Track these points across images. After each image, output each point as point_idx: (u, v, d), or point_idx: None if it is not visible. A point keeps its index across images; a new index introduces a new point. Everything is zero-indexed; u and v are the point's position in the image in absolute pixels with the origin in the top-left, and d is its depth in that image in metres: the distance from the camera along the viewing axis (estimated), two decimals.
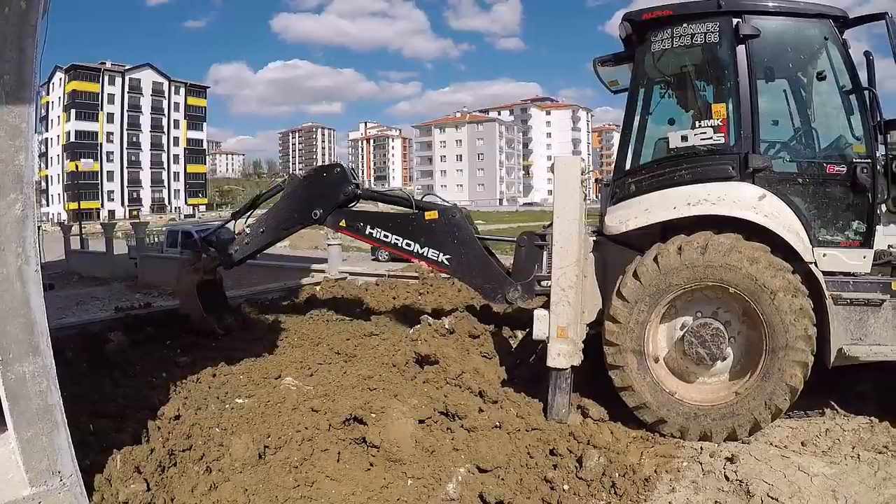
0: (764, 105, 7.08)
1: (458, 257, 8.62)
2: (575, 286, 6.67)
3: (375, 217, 9.40)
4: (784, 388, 6.26)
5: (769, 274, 6.26)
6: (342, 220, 9.46)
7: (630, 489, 5.48)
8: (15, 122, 4.47)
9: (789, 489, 5.39)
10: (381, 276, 16.49)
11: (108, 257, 31.31)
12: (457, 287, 12.74)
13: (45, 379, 4.54)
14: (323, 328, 10.34)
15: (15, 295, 4.53)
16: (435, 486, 5.32)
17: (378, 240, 9.25)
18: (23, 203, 4.57)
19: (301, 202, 9.67)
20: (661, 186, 7.04)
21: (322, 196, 9.54)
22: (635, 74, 7.56)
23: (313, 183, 9.75)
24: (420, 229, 8.88)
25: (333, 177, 9.61)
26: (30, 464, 4.58)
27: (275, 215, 9.91)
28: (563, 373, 6.67)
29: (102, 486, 4.79)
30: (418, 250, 8.86)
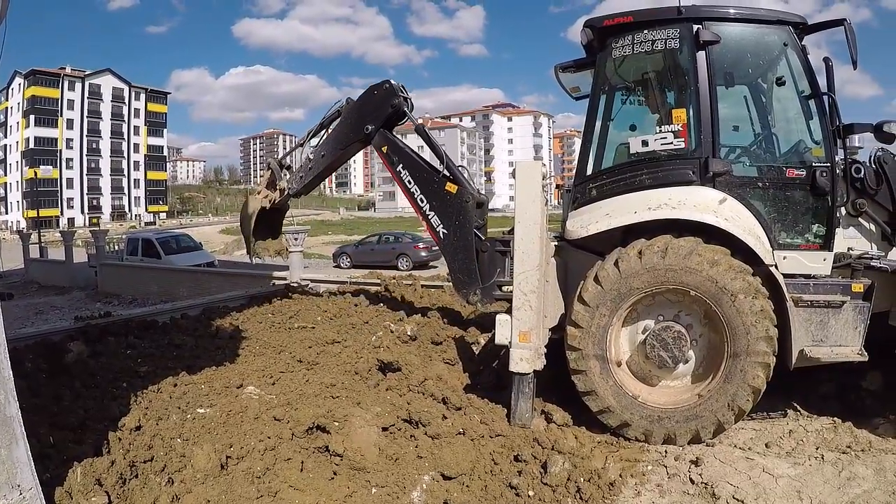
0: (724, 110, 7.18)
1: (452, 237, 9.21)
2: (537, 291, 6.67)
3: (413, 161, 9.86)
4: (747, 390, 6.33)
5: (730, 276, 6.31)
6: (386, 145, 10.04)
7: (595, 494, 5.49)
8: None
9: (755, 491, 5.47)
10: (343, 282, 16.44)
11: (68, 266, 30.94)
12: (419, 294, 12.73)
13: (2, 391, 4.44)
14: (285, 336, 10.20)
15: None
16: (399, 494, 5.27)
17: (403, 181, 9.78)
18: None
19: (354, 120, 10.24)
20: (622, 191, 7.08)
21: (372, 112, 10.06)
22: (596, 80, 7.59)
23: (365, 101, 10.19)
24: (437, 193, 9.45)
25: (382, 92, 10.04)
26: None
27: (334, 137, 10.54)
28: (526, 377, 6.66)
29: (63, 500, 4.70)
30: (427, 211, 9.49)
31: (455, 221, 9.21)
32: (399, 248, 36.68)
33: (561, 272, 7.60)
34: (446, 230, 9.28)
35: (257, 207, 11.31)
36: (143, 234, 36.24)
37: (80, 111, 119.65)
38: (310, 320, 11.10)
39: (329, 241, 57.31)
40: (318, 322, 10.98)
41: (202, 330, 10.76)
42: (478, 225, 9.23)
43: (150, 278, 24.60)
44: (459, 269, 9.13)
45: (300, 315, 11.61)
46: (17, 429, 4.46)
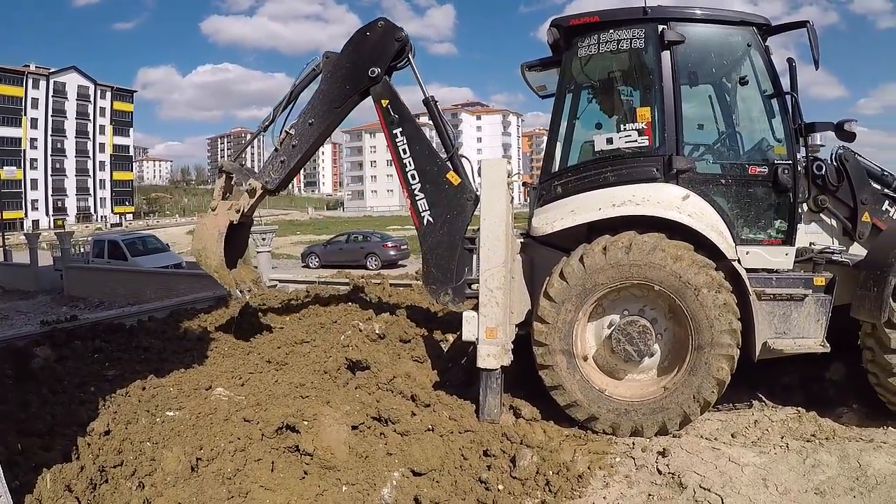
0: (689, 109, 7.32)
1: (438, 229, 8.41)
2: (503, 287, 6.74)
3: (415, 129, 8.75)
4: (711, 382, 6.46)
5: (693, 271, 6.44)
6: (388, 99, 8.73)
7: (564, 486, 5.57)
8: None
9: (721, 479, 5.56)
10: (312, 282, 16.46)
11: (33, 269, 30.54)
12: (388, 292, 12.74)
13: None
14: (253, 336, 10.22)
15: None
16: (370, 491, 5.33)
17: (398, 148, 8.64)
18: None
19: (351, 69, 8.77)
20: (587, 188, 7.18)
21: (374, 52, 8.71)
22: (562, 79, 7.69)
23: (358, 46, 8.81)
24: (434, 177, 8.54)
25: (379, 30, 8.75)
26: None
27: (321, 99, 8.88)
28: (493, 373, 6.73)
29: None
30: (416, 191, 8.55)
31: (447, 215, 8.42)
32: (368, 248, 36.61)
33: (527, 269, 7.67)
34: (433, 219, 8.45)
35: (224, 224, 9.06)
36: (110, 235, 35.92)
37: (44, 110, 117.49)
38: (278, 321, 11.07)
39: (298, 241, 56.91)
40: (287, 322, 10.97)
41: (170, 332, 10.75)
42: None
43: (117, 281, 24.28)
44: (436, 265, 8.46)
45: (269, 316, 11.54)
46: None
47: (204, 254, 9.13)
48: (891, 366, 6.48)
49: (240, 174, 9.38)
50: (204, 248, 9.11)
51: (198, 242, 9.26)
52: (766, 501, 5.25)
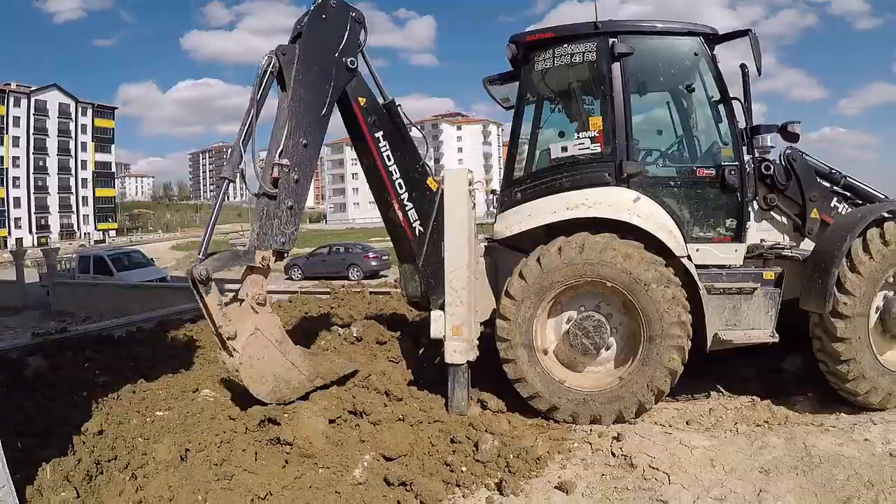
0: (639, 116, 7.71)
1: (429, 238, 8.17)
2: (467, 287, 7.09)
3: (395, 133, 8.10)
4: (664, 372, 6.79)
5: (642, 268, 6.79)
6: (365, 97, 7.87)
7: (523, 467, 5.95)
8: None
9: (670, 460, 5.89)
10: (294, 292, 16.65)
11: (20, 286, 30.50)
12: (367, 300, 13.05)
13: None
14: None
15: None
16: (343, 472, 5.68)
17: (380, 152, 7.91)
18: None
19: (323, 63, 7.47)
20: (544, 193, 7.53)
21: (340, 38, 7.65)
22: (521, 92, 8.00)
23: (320, 33, 7.51)
24: (416, 184, 8.19)
25: (335, 10, 7.65)
26: None
27: (303, 110, 7.23)
28: (460, 368, 7.08)
29: (34, 497, 5.00)
30: (405, 200, 8.09)
31: (433, 222, 8.11)
32: (350, 259, 36.91)
33: (491, 270, 8.02)
34: (423, 228, 8.17)
35: (275, 332, 6.99)
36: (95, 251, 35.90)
37: (25, 128, 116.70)
38: None
39: None
40: None
41: (158, 342, 10.98)
42: None
43: (104, 295, 24.47)
44: (434, 275, 7.99)
45: None
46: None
47: (285, 387, 6.83)
48: (838, 353, 6.79)
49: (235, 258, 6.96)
50: (278, 381, 6.82)
51: (259, 381, 6.73)
52: (711, 479, 5.54)
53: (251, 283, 6.89)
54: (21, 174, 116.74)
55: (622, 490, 5.58)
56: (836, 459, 5.69)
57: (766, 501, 5.12)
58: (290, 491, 5.43)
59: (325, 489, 5.48)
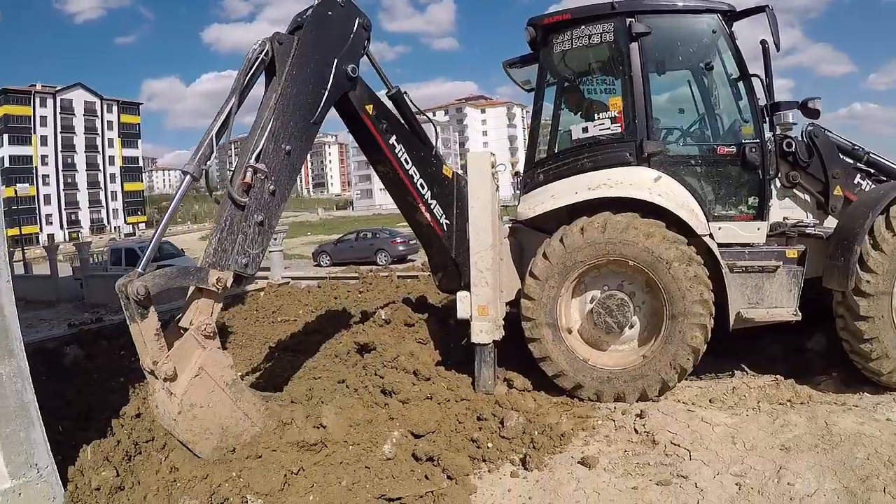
0: (659, 95, 7.73)
1: (456, 228, 8.01)
2: (492, 268, 7.15)
3: (405, 132, 7.69)
4: (686, 350, 6.82)
5: (664, 246, 6.82)
6: (371, 103, 7.28)
7: (547, 443, 6.06)
8: None
9: (691, 437, 5.94)
10: (323, 278, 16.87)
11: (53, 280, 30.78)
12: (395, 284, 13.19)
13: (21, 379, 4.93)
14: (269, 329, 10.69)
15: None
16: (373, 448, 5.79)
17: (397, 157, 7.45)
18: None
19: (321, 66, 6.68)
20: (566, 174, 7.59)
21: (343, 42, 6.96)
22: (541, 74, 8.05)
23: (322, 32, 6.79)
24: (435, 178, 7.91)
25: (342, 10, 7.03)
26: (9, 458, 4.93)
27: (292, 112, 6.34)
28: (486, 347, 7.16)
29: (75, 477, 5.17)
30: (429, 199, 7.78)
31: (456, 210, 8.00)
32: (377, 244, 36.78)
33: (516, 251, 8.07)
34: (449, 220, 7.98)
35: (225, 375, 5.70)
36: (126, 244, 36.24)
37: (52, 127, 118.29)
38: (292, 314, 11.57)
39: (308, 242, 56.72)
40: (301, 315, 11.44)
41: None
42: None
43: None
44: (465, 264, 7.59)
45: (283, 310, 12.11)
46: (34, 413, 4.94)
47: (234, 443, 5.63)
48: (861, 332, 6.69)
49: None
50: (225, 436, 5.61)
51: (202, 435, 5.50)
52: (732, 456, 5.57)
53: (199, 310, 5.69)
54: (50, 172, 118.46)
55: (644, 466, 5.64)
56: (856, 438, 5.68)
57: (786, 478, 5.14)
58: (320, 466, 5.55)
59: (355, 464, 5.61)
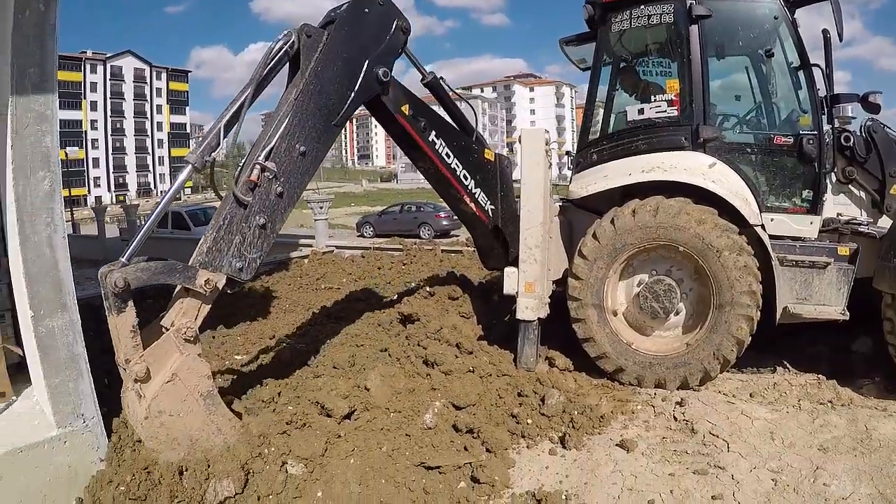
0: (716, 80, 7.56)
1: (501, 211, 7.83)
2: (541, 245, 7.14)
3: (444, 125, 7.29)
4: (731, 341, 6.72)
5: (715, 234, 6.71)
6: (408, 103, 6.77)
7: (586, 424, 6.05)
8: (41, 109, 5.05)
9: (730, 428, 5.89)
10: (367, 248, 16.96)
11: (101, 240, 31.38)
12: (438, 258, 13.23)
13: (72, 332, 5.12)
14: (312, 296, 10.79)
15: (45, 260, 5.09)
16: (414, 417, 5.85)
17: (438, 153, 7.11)
18: (50, 180, 5.14)
19: (349, 66, 6.12)
20: (620, 155, 7.52)
21: (377, 43, 6.40)
22: (597, 53, 7.97)
23: (355, 31, 6.21)
24: (478, 166, 7.59)
25: (380, 9, 6.47)
26: (57, 407, 5.08)
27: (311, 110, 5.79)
28: (531, 324, 7.17)
29: (119, 428, 5.28)
30: (472, 188, 7.51)
31: (500, 193, 7.83)
32: (421, 217, 37.11)
33: (565, 230, 8.05)
34: (494, 206, 7.76)
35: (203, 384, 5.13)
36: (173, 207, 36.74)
37: (102, 93, 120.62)
38: (336, 282, 11.68)
39: (352, 213, 56.85)
40: (344, 283, 11.54)
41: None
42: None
43: (181, 248, 24.56)
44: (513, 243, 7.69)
45: (326, 277, 12.22)
46: (83, 365, 5.11)
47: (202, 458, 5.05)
48: None
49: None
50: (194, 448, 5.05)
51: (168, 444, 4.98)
52: (769, 451, 5.52)
53: (183, 311, 5.24)
54: (99, 136, 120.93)
55: (681, 454, 5.61)
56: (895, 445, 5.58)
57: (822, 479, 5.07)
58: (362, 432, 5.62)
59: (396, 431, 5.66)
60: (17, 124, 4.95)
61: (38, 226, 5.11)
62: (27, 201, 5.05)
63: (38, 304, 5.10)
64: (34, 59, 4.95)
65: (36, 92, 4.99)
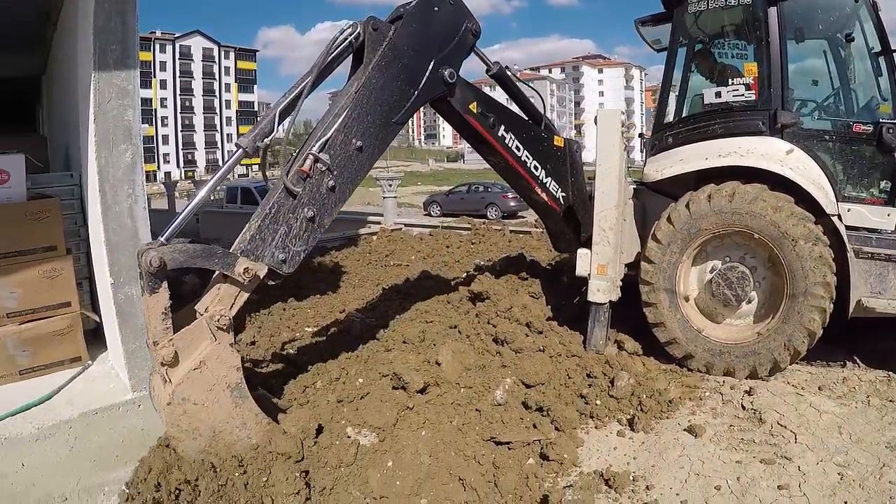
0: (794, 64, 7.38)
1: (572, 198, 7.84)
2: (614, 228, 7.10)
3: (512, 118, 7.20)
4: (802, 332, 6.59)
5: (791, 222, 6.58)
6: (475, 101, 6.63)
7: (655, 408, 6.07)
8: (123, 84, 5.26)
9: (798, 420, 5.81)
10: (435, 227, 17.08)
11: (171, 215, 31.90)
12: (507, 238, 13.26)
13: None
14: (381, 272, 10.94)
15: (126, 229, 5.34)
16: (484, 393, 5.93)
17: (507, 147, 7.02)
18: (132, 152, 5.37)
19: (415, 63, 5.95)
20: (696, 139, 7.42)
21: (440, 45, 6.18)
22: (674, 34, 7.90)
23: (423, 29, 6.04)
24: (548, 154, 7.51)
25: (450, 8, 6.29)
26: (133, 371, 5.37)
27: (372, 106, 5.61)
28: (602, 307, 7.14)
29: None
30: (543, 178, 7.46)
31: (570, 179, 7.79)
32: (488, 198, 37.09)
33: (639, 213, 7.98)
34: (565, 192, 7.73)
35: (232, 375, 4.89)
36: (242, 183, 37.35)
37: (171, 72, 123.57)
38: (404, 259, 11.82)
39: (418, 192, 57.26)
40: (413, 261, 11.67)
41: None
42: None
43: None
44: (582, 226, 7.82)
45: (395, 254, 12.37)
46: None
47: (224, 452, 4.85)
48: None
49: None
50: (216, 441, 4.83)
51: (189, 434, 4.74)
52: (837, 445, 5.44)
53: (218, 297, 5.00)
54: (169, 114, 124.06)
55: (749, 442, 5.59)
56: None
57: (888, 476, 4.97)
58: (433, 406, 5.73)
59: (466, 406, 5.76)
60: (99, 98, 5.17)
61: (120, 196, 5.34)
62: (109, 173, 5.28)
63: (119, 272, 5.35)
64: (116, 37, 5.16)
65: (118, 68, 5.21)
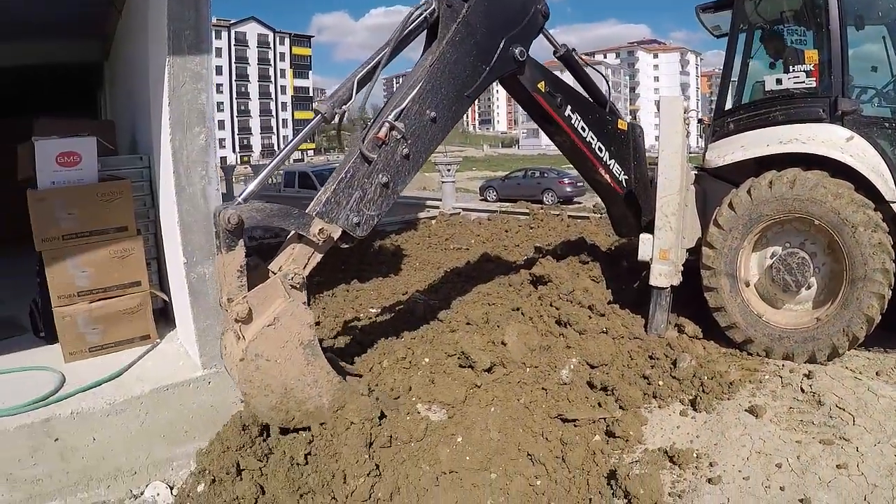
0: (854, 50, 7.32)
1: (633, 181, 7.91)
2: (677, 213, 7.21)
3: (579, 99, 7.33)
4: (861, 318, 6.59)
5: (851, 209, 6.59)
6: (544, 80, 6.78)
7: (716, 389, 6.17)
8: (197, 69, 5.53)
9: (856, 403, 5.85)
10: (493, 211, 17.20)
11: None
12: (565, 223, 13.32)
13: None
14: (441, 255, 11.14)
15: (199, 210, 5.60)
16: (550, 372, 6.15)
17: (573, 127, 7.13)
18: (206, 135, 5.63)
19: (486, 41, 6.11)
20: (757, 126, 7.43)
21: (510, 24, 6.32)
22: (734, 20, 7.87)
23: (496, 3, 6.20)
24: (612, 137, 7.62)
25: None
26: (204, 349, 5.62)
27: (446, 79, 5.82)
28: (664, 291, 7.27)
29: None
30: (607, 160, 7.56)
31: (633, 163, 7.88)
32: (544, 183, 37.24)
33: (700, 199, 8.01)
34: (628, 175, 7.83)
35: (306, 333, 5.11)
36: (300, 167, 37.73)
37: (227, 58, 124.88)
38: (464, 243, 11.98)
39: (473, 177, 57.27)
40: (472, 245, 11.83)
41: (365, 249, 11.58)
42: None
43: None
44: (644, 209, 7.98)
45: (455, 238, 12.56)
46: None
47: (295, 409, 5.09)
48: None
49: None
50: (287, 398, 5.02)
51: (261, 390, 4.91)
52: (894, 427, 5.47)
53: (293, 256, 5.20)
54: (225, 100, 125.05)
55: (808, 423, 5.67)
56: None
57: None
58: (500, 384, 5.96)
59: (533, 385, 5.98)
60: (173, 83, 5.43)
61: (194, 178, 5.59)
62: (184, 154, 5.54)
63: (191, 252, 5.60)
64: (189, 23, 5.42)
65: (192, 53, 5.48)
